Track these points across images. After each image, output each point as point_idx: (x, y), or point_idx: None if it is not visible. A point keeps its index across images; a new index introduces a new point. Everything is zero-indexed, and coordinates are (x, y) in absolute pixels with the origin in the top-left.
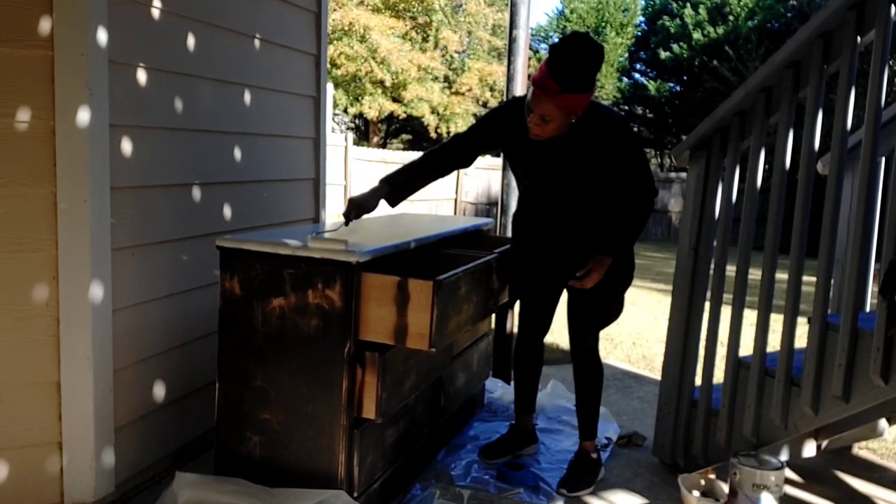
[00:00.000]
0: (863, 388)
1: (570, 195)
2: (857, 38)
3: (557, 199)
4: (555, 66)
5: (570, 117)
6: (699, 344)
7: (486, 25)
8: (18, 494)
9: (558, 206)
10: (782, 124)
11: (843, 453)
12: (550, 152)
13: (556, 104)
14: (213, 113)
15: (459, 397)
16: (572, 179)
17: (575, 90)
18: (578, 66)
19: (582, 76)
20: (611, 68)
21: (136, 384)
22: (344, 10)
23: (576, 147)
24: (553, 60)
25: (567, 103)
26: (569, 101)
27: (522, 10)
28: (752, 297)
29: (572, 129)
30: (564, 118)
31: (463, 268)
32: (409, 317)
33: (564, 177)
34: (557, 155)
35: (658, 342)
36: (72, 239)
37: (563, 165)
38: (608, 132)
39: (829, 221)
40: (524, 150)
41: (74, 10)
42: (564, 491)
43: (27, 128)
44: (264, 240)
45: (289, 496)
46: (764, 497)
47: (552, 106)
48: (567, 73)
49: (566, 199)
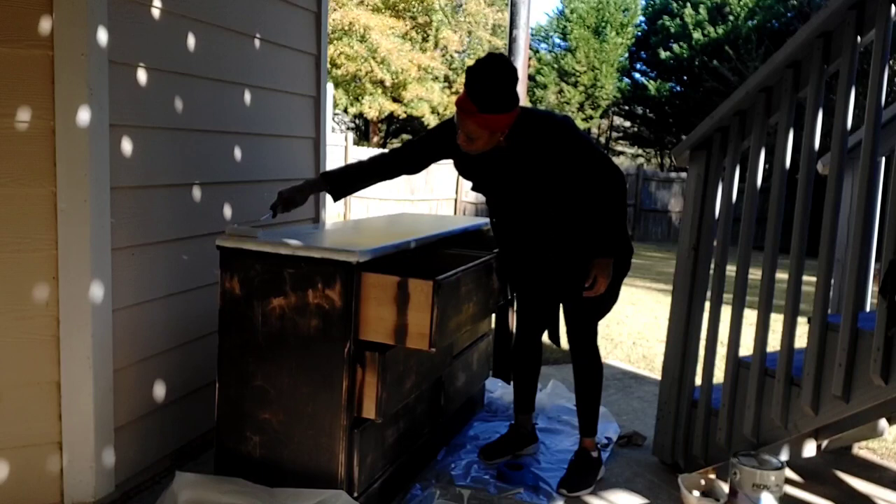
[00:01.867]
0: (863, 388)
1: (526, 204)
2: (858, 37)
3: (515, 210)
4: (470, 88)
5: (497, 135)
6: (699, 344)
7: (486, 25)
8: (18, 494)
9: (519, 215)
10: (782, 124)
11: (843, 453)
12: (494, 164)
13: (476, 123)
14: (213, 113)
15: (459, 397)
16: (522, 188)
17: (492, 110)
18: (491, 87)
19: (496, 97)
20: (611, 68)
21: (137, 384)
22: (344, 10)
23: (518, 157)
24: (468, 83)
25: (486, 122)
26: (487, 120)
27: (522, 10)
28: (753, 296)
29: (511, 140)
30: (489, 136)
31: (463, 268)
32: (409, 317)
33: (513, 187)
34: (501, 166)
35: (658, 342)
36: (72, 239)
37: (509, 176)
38: (548, 137)
39: (829, 221)
40: (470, 163)
41: (75, 9)
42: (564, 491)
43: (27, 127)
44: (264, 239)
45: (289, 496)
46: (764, 497)
47: (473, 125)
48: (481, 94)
49: (523, 208)
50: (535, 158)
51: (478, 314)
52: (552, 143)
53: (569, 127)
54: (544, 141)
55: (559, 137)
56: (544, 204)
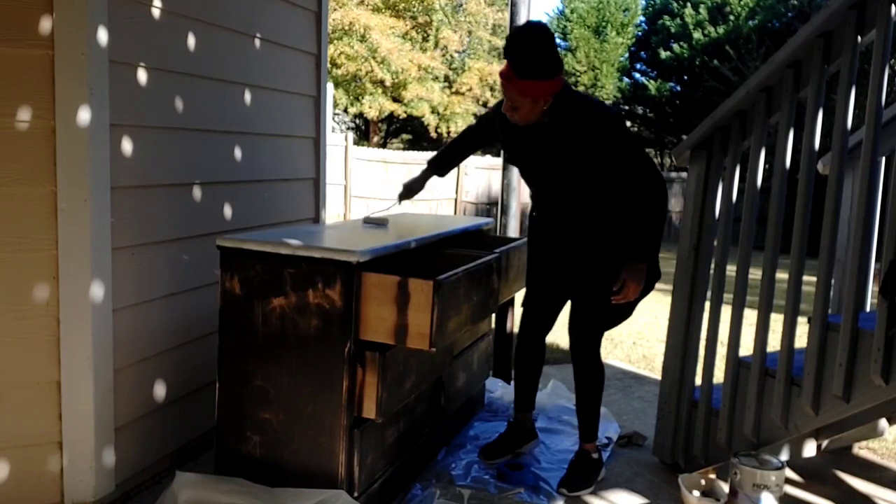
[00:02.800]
0: (863, 388)
1: (558, 184)
2: (858, 37)
3: (549, 188)
4: (509, 56)
5: (539, 103)
6: (699, 344)
7: (486, 25)
8: (19, 494)
9: (552, 194)
10: (783, 124)
11: (843, 453)
12: (535, 139)
13: (517, 90)
14: (213, 112)
15: (460, 397)
16: (557, 167)
17: (530, 76)
18: (528, 54)
19: (533, 63)
20: (611, 68)
21: (137, 384)
22: (344, 10)
23: (559, 135)
24: (507, 50)
25: (526, 89)
26: (527, 87)
27: (522, 10)
28: (753, 296)
29: (556, 118)
30: (532, 104)
31: (463, 268)
32: (409, 316)
33: (549, 164)
34: (542, 142)
35: (658, 342)
36: (72, 238)
37: (547, 153)
38: (592, 124)
39: (829, 221)
40: (515, 140)
41: (75, 9)
42: (565, 490)
43: (27, 127)
44: (264, 239)
45: (289, 496)
46: (764, 497)
47: (514, 92)
48: (519, 61)
49: (556, 188)
50: (575, 140)
51: (478, 314)
52: (594, 130)
53: (616, 121)
54: (588, 126)
55: (603, 128)
56: (575, 187)
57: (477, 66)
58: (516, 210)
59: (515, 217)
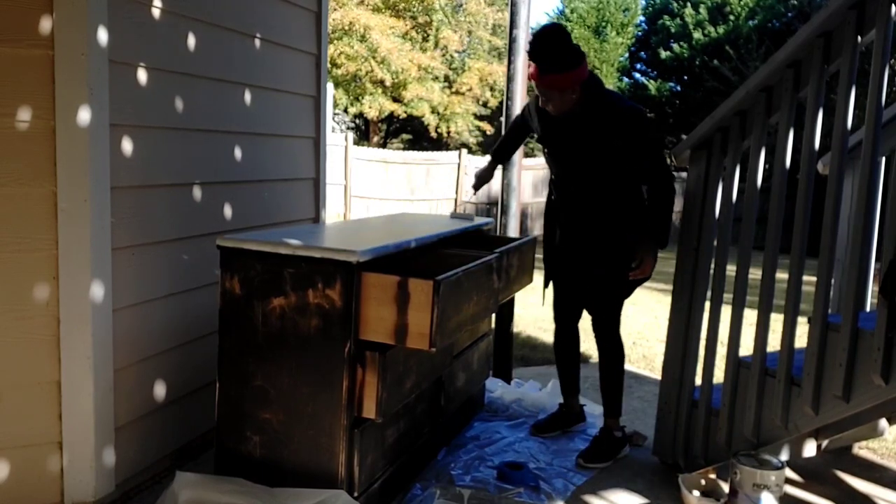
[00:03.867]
0: (863, 388)
1: (580, 166)
2: (858, 37)
3: (571, 171)
4: (531, 57)
5: (567, 92)
6: (699, 344)
7: (486, 25)
8: (19, 494)
9: (573, 177)
10: (783, 124)
11: (843, 453)
12: (564, 127)
13: (544, 85)
14: (213, 112)
15: (460, 397)
16: (579, 153)
17: (553, 71)
18: (547, 53)
19: (552, 59)
20: (611, 68)
21: (137, 384)
22: (344, 10)
23: (586, 124)
24: (529, 53)
25: (552, 83)
26: (553, 80)
27: (522, 9)
28: (753, 296)
29: (583, 109)
30: (560, 94)
31: (463, 268)
32: (409, 316)
33: (572, 149)
34: (569, 129)
35: (658, 342)
36: (72, 238)
37: (573, 138)
38: (617, 118)
39: (829, 221)
40: (547, 129)
41: (75, 9)
42: (581, 461)
43: (27, 127)
44: (264, 239)
45: (289, 496)
46: (764, 497)
47: (543, 87)
48: (540, 60)
49: (577, 170)
50: (599, 131)
51: (478, 314)
52: (618, 124)
53: (640, 119)
54: (613, 119)
55: (626, 123)
56: (595, 172)
57: (477, 66)
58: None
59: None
